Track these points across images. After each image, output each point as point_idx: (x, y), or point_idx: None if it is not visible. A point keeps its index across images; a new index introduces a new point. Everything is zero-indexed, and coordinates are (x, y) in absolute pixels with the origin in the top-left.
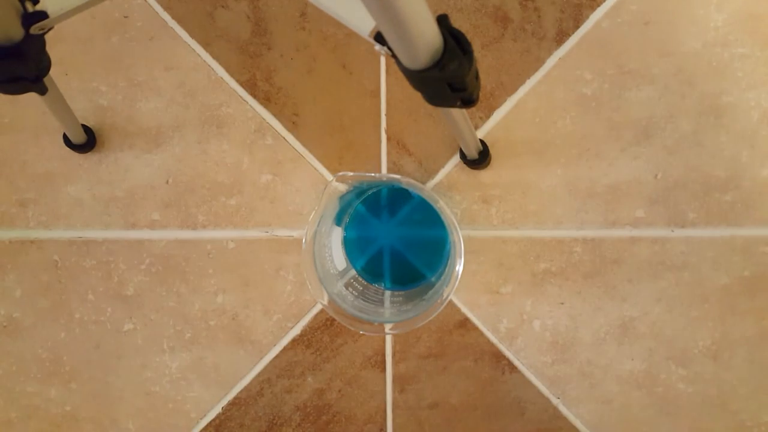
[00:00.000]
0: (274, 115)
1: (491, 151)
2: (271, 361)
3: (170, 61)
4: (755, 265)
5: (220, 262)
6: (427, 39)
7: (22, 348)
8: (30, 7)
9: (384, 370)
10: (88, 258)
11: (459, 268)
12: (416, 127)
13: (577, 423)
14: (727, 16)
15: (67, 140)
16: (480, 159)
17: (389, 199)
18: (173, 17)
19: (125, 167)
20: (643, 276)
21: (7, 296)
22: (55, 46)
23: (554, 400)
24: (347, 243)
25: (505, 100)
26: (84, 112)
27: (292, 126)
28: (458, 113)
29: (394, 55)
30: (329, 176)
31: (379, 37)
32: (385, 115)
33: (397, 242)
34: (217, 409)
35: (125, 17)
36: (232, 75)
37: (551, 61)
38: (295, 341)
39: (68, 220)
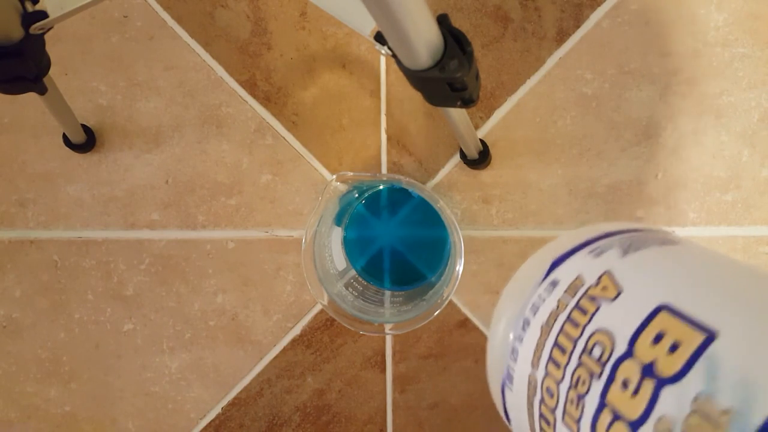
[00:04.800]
0: (274, 115)
1: (491, 150)
2: (270, 362)
3: (170, 60)
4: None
5: (220, 262)
6: (427, 39)
7: (22, 348)
8: (30, 7)
9: (384, 370)
10: (88, 258)
11: (459, 268)
12: (416, 127)
13: None
14: (727, 15)
15: (66, 140)
16: (480, 159)
17: (389, 199)
18: (173, 17)
19: (125, 167)
20: None
21: (7, 296)
22: (54, 45)
23: None
24: (347, 243)
25: (506, 100)
26: (83, 111)
27: (292, 126)
28: (458, 113)
29: (394, 55)
30: (329, 176)
31: (379, 37)
32: (385, 115)
33: (397, 242)
34: (217, 410)
35: (125, 17)
36: (231, 75)
37: (551, 61)
38: (295, 341)
39: (68, 220)
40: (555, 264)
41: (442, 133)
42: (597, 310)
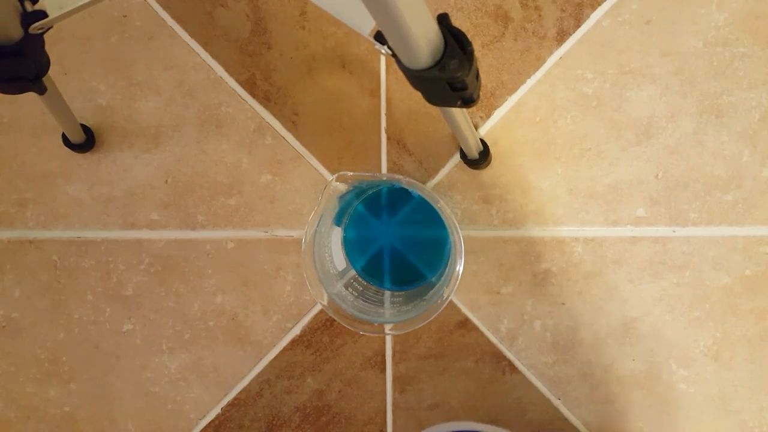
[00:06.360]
0: (274, 114)
1: (492, 150)
2: (270, 362)
3: (169, 60)
4: (756, 264)
5: (220, 262)
6: (428, 38)
7: (21, 348)
8: (29, 7)
9: (384, 370)
10: (87, 258)
11: (459, 268)
12: (416, 127)
13: (578, 424)
14: (728, 15)
15: (66, 140)
16: (480, 159)
17: (389, 199)
18: (172, 16)
19: (124, 167)
20: (644, 276)
21: (6, 296)
22: (54, 45)
23: (555, 401)
24: (347, 243)
25: (506, 100)
26: (83, 111)
27: (292, 126)
28: (458, 113)
29: (394, 55)
30: (329, 176)
31: (379, 37)
32: (385, 114)
33: (397, 242)
34: (217, 410)
35: (124, 16)
36: (231, 74)
37: (552, 60)
38: (294, 342)
39: (67, 220)
40: None
41: (442, 133)
42: None
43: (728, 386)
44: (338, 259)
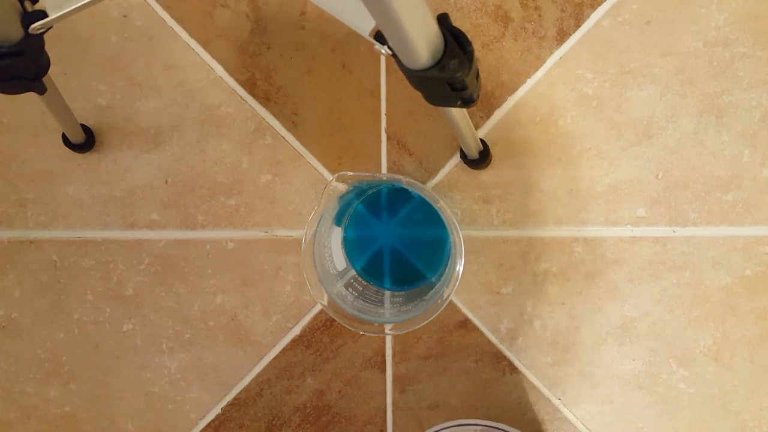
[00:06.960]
0: (274, 114)
1: (492, 150)
2: (270, 362)
3: (169, 60)
4: (756, 264)
5: (220, 262)
6: (427, 38)
7: (21, 348)
8: (29, 7)
9: (384, 370)
10: (87, 258)
11: (459, 268)
12: (416, 127)
13: (577, 424)
14: (728, 15)
15: (66, 140)
16: (480, 159)
17: (389, 199)
18: (172, 16)
19: (124, 167)
20: (644, 276)
21: (6, 296)
22: (54, 45)
23: (555, 401)
24: (347, 243)
25: (506, 100)
26: (83, 111)
27: (292, 126)
28: (458, 113)
29: (394, 55)
30: (329, 176)
31: (379, 37)
32: (385, 114)
33: (397, 242)
34: (217, 410)
35: (124, 16)
36: (231, 74)
37: (552, 60)
38: (294, 342)
39: (67, 220)
40: None
41: (442, 133)
42: None
43: (728, 386)
44: (338, 259)
